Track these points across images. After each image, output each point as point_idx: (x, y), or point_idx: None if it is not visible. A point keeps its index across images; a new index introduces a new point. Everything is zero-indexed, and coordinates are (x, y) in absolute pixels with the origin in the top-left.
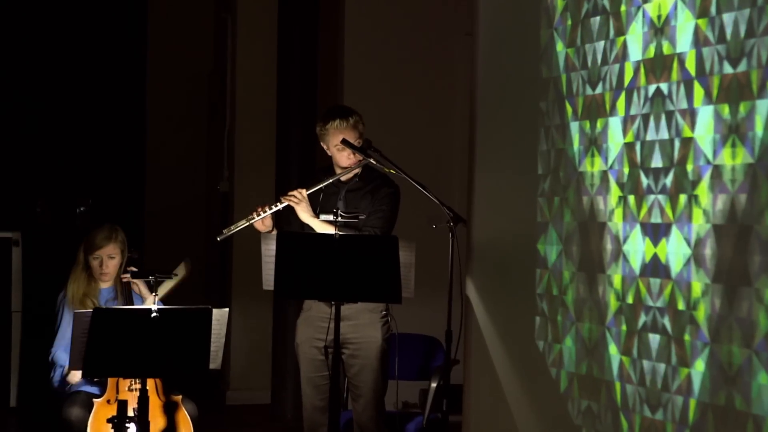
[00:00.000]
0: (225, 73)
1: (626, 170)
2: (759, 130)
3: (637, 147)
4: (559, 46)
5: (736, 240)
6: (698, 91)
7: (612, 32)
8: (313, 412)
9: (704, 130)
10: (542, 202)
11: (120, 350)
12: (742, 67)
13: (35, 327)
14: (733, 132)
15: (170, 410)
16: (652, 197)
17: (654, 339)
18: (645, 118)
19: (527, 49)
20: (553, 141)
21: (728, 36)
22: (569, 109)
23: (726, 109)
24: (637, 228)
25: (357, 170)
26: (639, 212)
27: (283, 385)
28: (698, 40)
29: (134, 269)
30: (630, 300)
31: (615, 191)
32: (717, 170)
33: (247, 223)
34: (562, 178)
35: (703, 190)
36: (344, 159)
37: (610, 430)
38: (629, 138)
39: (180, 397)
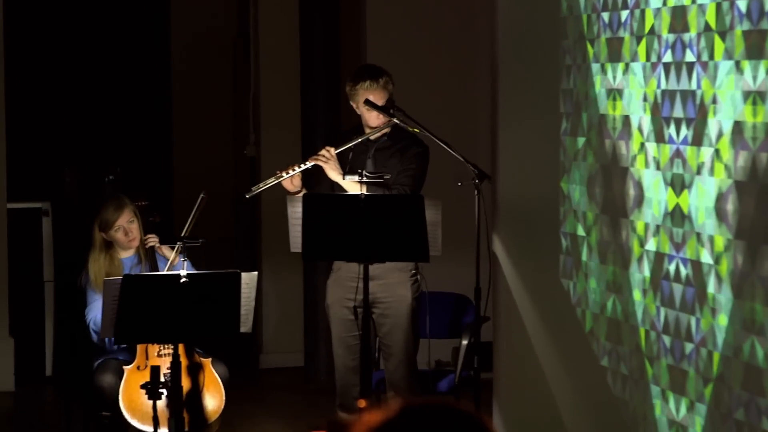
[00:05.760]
0: (249, 38)
1: (648, 117)
2: None
3: (659, 95)
4: None
5: (757, 198)
6: (719, 45)
7: None
8: (345, 373)
9: (725, 85)
10: (565, 141)
11: (151, 316)
12: (762, 25)
13: (68, 296)
14: (754, 90)
15: (194, 372)
16: (674, 147)
17: (677, 288)
18: (666, 67)
19: None
20: (575, 81)
21: None
22: (590, 50)
23: (746, 66)
24: (660, 176)
25: (386, 130)
26: (661, 161)
27: (315, 347)
28: None
29: (154, 236)
30: (653, 247)
31: (637, 137)
32: (738, 126)
33: (276, 181)
34: (584, 118)
35: (724, 144)
36: (373, 118)
37: (636, 374)
38: (651, 86)
39: (210, 359)
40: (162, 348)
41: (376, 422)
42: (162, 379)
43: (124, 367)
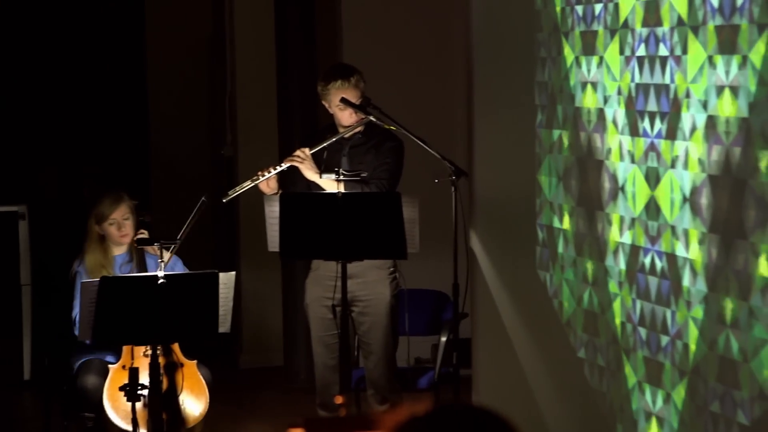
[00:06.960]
0: (224, 37)
1: (622, 110)
2: (752, 86)
3: (633, 89)
4: None
5: (731, 192)
6: (691, 39)
7: None
8: (324, 371)
9: (698, 79)
10: (541, 134)
11: (128, 318)
12: (734, 21)
13: (45, 300)
14: (726, 84)
15: (178, 373)
16: (648, 140)
17: (653, 281)
18: (640, 61)
19: None
20: (549, 74)
21: None
22: (565, 43)
23: (719, 61)
24: (634, 169)
25: (360, 128)
26: (636, 154)
27: (295, 347)
28: None
29: (144, 232)
30: (629, 240)
31: (611, 130)
32: (711, 120)
33: (252, 184)
34: (559, 111)
35: (698, 138)
36: (346, 118)
37: (612, 365)
38: (625, 79)
39: (195, 362)
40: (148, 348)
41: (408, 418)
42: (144, 381)
43: (110, 366)
